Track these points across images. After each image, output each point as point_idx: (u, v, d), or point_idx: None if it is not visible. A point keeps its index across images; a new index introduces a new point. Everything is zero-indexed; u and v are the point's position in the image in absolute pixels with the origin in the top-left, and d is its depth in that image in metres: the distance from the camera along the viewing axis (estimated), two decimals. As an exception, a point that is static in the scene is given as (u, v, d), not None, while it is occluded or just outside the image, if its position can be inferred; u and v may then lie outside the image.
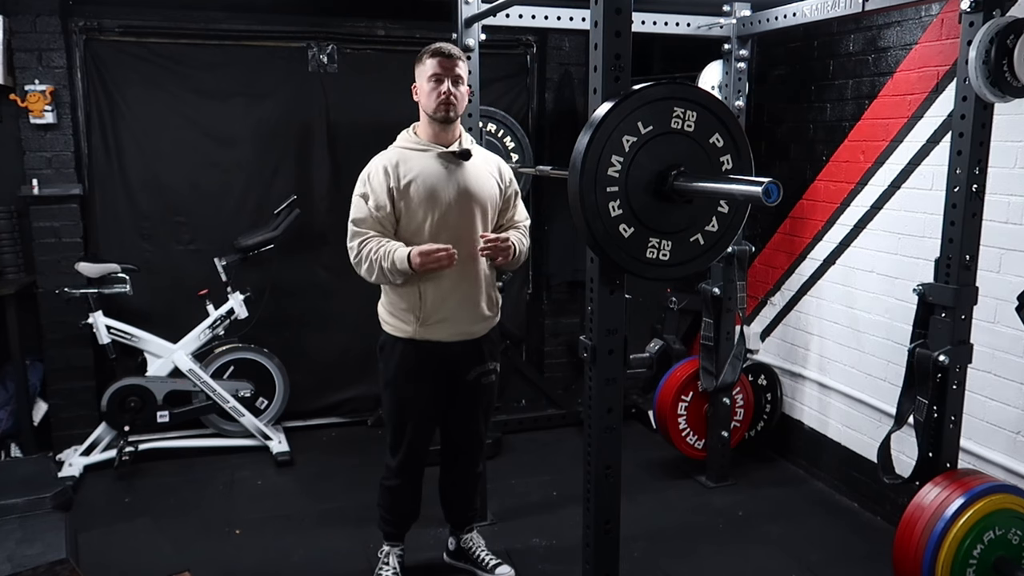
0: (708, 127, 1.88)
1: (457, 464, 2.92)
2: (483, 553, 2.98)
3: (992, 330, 2.85)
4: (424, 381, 2.67)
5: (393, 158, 2.58)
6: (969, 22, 2.30)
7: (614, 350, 1.95)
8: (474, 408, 2.80)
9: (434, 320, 2.60)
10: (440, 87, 2.51)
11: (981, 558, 2.35)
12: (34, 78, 3.78)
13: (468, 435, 2.85)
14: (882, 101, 3.36)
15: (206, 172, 4.15)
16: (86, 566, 2.50)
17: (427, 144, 2.59)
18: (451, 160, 2.59)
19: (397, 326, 2.65)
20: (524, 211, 2.82)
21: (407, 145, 2.61)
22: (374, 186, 2.56)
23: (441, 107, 2.52)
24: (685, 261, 1.93)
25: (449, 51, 2.53)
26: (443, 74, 2.51)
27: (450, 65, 2.51)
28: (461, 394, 2.75)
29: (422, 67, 2.55)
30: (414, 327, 2.61)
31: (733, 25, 3.44)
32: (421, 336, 2.61)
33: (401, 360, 2.66)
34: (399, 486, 2.82)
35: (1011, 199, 2.78)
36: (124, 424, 3.79)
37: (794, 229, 3.92)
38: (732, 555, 3.16)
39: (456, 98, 2.53)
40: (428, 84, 2.53)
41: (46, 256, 3.91)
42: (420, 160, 2.57)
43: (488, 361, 2.75)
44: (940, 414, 2.50)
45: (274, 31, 4.14)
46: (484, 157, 2.72)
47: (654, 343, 4.16)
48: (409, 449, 2.75)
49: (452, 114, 2.55)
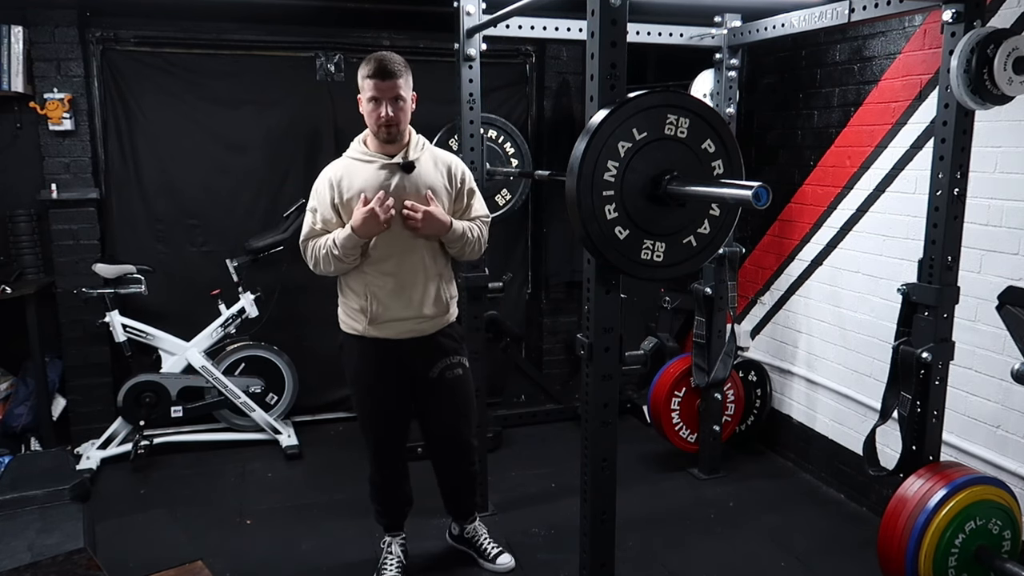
0: (700, 133, 1.87)
1: (445, 464, 2.91)
2: (486, 542, 3.01)
3: (973, 328, 2.88)
4: (383, 378, 2.67)
5: (339, 172, 2.57)
6: (951, 32, 2.33)
7: (610, 347, 1.95)
8: (447, 406, 2.77)
9: (382, 320, 2.61)
10: (379, 110, 2.46)
11: (962, 547, 2.38)
12: (53, 87, 3.83)
13: (447, 434, 2.83)
14: (867, 108, 3.38)
15: (218, 177, 4.19)
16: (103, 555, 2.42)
17: (373, 155, 2.57)
18: (395, 171, 2.55)
19: (351, 325, 2.68)
20: (482, 207, 2.76)
21: (354, 156, 2.60)
22: (320, 199, 2.57)
23: (382, 130, 2.50)
24: (678, 262, 1.93)
25: (385, 70, 2.43)
26: (380, 96, 2.45)
27: (387, 87, 2.44)
28: (429, 392, 2.74)
29: (362, 84, 2.50)
30: (364, 325, 2.63)
31: (724, 35, 3.47)
32: (372, 334, 2.64)
33: (359, 357, 2.68)
34: (380, 482, 2.85)
35: (991, 202, 2.81)
36: (139, 419, 3.84)
37: (783, 231, 3.94)
38: (723, 544, 3.19)
39: (397, 118, 2.48)
40: (368, 105, 2.49)
41: (64, 258, 3.96)
42: (363, 172, 2.55)
43: (448, 355, 2.72)
44: (923, 409, 2.52)
45: (283, 41, 4.18)
46: (435, 160, 2.65)
47: (648, 341, 4.18)
48: (379, 446, 2.79)
49: (394, 134, 2.51)
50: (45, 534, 2.47)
